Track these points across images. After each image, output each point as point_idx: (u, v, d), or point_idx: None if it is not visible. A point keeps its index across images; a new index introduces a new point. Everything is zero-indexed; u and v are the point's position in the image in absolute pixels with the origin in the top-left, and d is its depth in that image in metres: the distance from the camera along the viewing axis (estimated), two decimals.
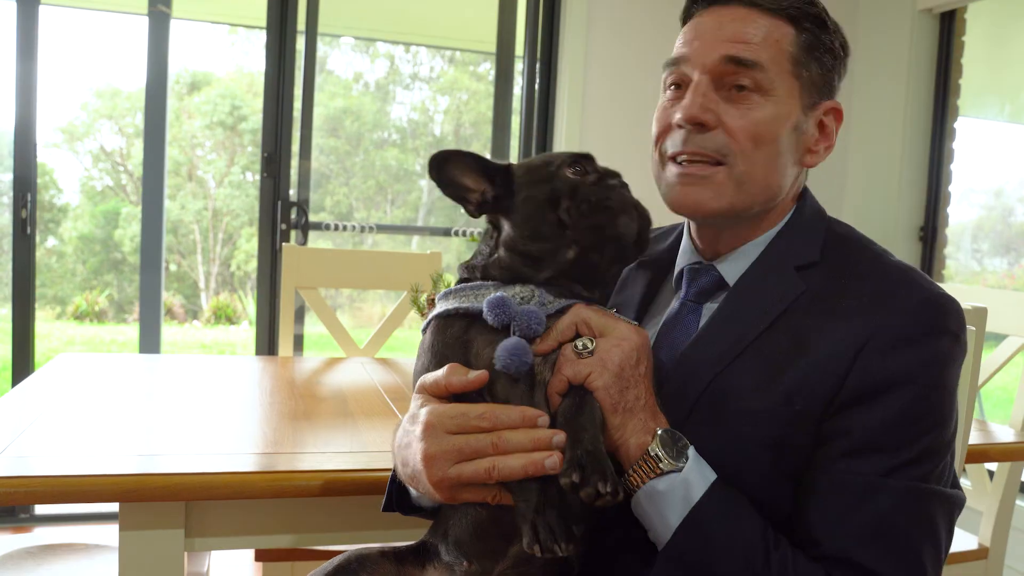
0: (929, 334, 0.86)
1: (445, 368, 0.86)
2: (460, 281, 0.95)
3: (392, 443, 0.94)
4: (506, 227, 0.92)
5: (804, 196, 1.01)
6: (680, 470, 0.83)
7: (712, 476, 0.85)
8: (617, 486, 0.77)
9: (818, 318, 0.89)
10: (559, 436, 0.80)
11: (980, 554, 1.86)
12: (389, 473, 1.06)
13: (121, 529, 1.13)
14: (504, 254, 0.92)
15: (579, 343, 0.85)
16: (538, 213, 0.90)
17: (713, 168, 0.93)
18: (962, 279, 3.93)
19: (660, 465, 0.83)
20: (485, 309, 0.86)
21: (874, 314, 0.87)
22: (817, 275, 0.93)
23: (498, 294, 0.87)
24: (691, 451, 0.85)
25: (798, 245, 0.96)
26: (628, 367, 0.84)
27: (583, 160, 0.92)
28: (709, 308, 0.98)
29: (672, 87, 0.97)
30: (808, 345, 0.88)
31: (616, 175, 0.93)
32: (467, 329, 0.89)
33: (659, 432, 0.84)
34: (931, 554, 0.84)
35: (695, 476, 0.84)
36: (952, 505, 0.87)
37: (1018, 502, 2.89)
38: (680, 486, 0.83)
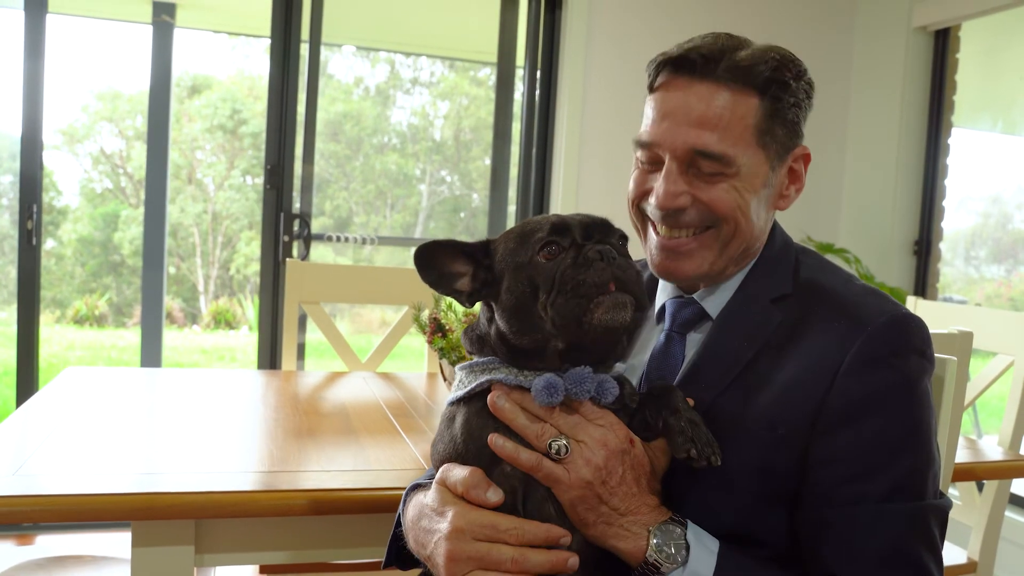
0: (897, 354, 0.92)
1: (468, 473, 0.89)
2: (471, 351, 0.98)
3: (405, 516, 0.98)
4: (497, 315, 0.93)
5: (774, 229, 1.06)
6: (685, 564, 0.87)
7: (715, 547, 0.89)
8: None
9: (794, 346, 0.94)
10: (573, 559, 0.86)
11: (969, 568, 1.89)
12: (390, 490, 1.09)
13: (133, 545, 1.16)
14: (501, 344, 0.93)
15: (553, 445, 0.87)
16: (520, 307, 0.89)
17: (698, 238, 0.98)
18: (959, 287, 3.96)
19: (661, 569, 0.86)
20: (536, 392, 0.88)
21: (845, 339, 0.92)
22: (791, 305, 0.98)
23: (547, 376, 0.89)
24: (689, 534, 0.88)
25: (772, 278, 1.01)
26: (597, 483, 0.87)
27: (559, 234, 0.89)
28: (692, 338, 1.03)
29: (645, 156, 1.01)
30: (786, 372, 0.93)
31: (602, 237, 0.91)
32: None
33: (651, 537, 0.87)
34: (936, 565, 0.90)
35: (701, 563, 0.87)
36: (944, 514, 0.92)
37: (1007, 514, 2.92)
38: None
